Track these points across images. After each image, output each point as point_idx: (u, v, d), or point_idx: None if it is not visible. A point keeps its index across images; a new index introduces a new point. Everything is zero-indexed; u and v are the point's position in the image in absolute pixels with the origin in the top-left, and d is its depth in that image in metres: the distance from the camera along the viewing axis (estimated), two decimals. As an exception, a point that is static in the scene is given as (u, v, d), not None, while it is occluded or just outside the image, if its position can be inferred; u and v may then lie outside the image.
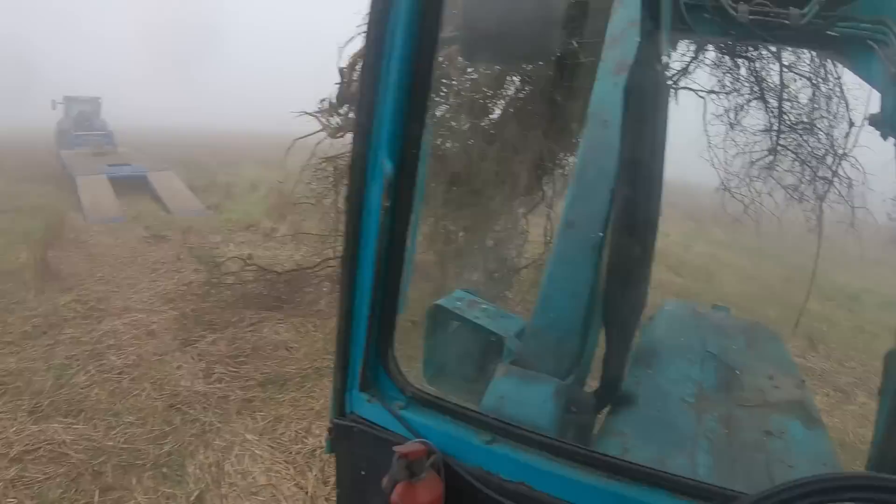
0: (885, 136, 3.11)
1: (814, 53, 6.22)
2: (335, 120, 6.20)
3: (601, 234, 2.21)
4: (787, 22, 3.06)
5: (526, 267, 7.92)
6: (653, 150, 2.23)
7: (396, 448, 1.59)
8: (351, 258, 1.71)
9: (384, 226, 1.62)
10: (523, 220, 7.71)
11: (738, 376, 3.03)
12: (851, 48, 3.09)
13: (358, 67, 5.84)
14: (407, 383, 1.85)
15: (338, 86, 5.90)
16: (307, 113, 6.51)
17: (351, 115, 6.13)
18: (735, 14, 3.07)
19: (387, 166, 1.58)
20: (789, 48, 6.19)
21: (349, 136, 6.44)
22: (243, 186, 17.10)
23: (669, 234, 17.71)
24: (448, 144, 6.09)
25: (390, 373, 1.85)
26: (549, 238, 7.32)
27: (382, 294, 1.73)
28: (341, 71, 5.71)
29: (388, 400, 1.83)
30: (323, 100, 6.40)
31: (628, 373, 2.81)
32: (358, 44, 5.79)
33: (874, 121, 2.89)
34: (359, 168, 1.62)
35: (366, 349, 1.80)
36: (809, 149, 7.31)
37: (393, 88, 1.55)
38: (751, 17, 3.08)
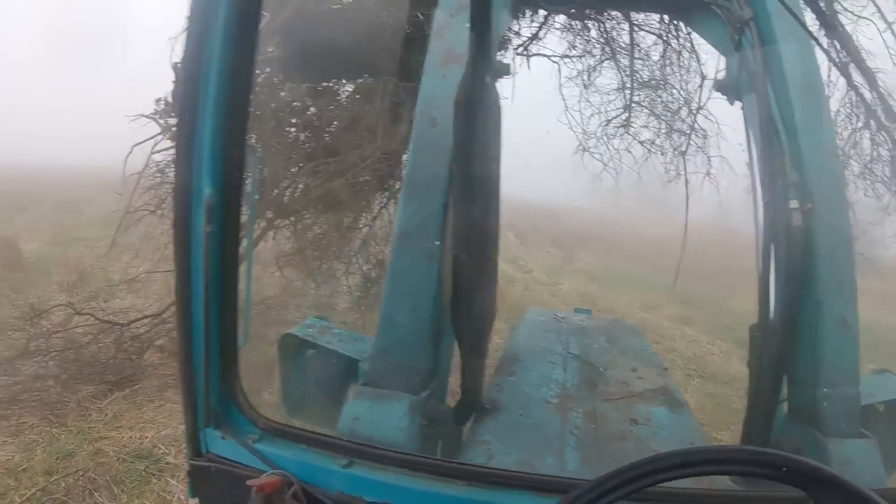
0: (731, 101, 3.39)
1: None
2: (174, 121, 5.99)
3: (437, 242, 2.26)
4: None
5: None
6: (487, 149, 2.24)
7: (250, 482, 1.65)
8: (183, 291, 1.72)
9: (209, 253, 1.65)
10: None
11: (602, 372, 3.30)
12: (696, 13, 3.34)
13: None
14: (259, 416, 1.89)
15: (173, 83, 5.70)
16: (144, 116, 6.23)
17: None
18: None
19: (206, 192, 1.61)
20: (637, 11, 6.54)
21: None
22: None
23: (532, 269, 15.96)
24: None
25: (240, 406, 1.89)
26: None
27: (218, 326, 1.76)
28: (175, 67, 5.49)
29: (241, 435, 1.87)
30: (159, 99, 6.14)
31: (491, 381, 3.00)
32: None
33: (720, 86, 3.08)
34: (182, 197, 1.64)
35: (208, 385, 1.83)
36: (664, 104, 7.83)
37: (211, 113, 1.59)
38: None
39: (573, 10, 6.46)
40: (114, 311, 7.93)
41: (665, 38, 7.32)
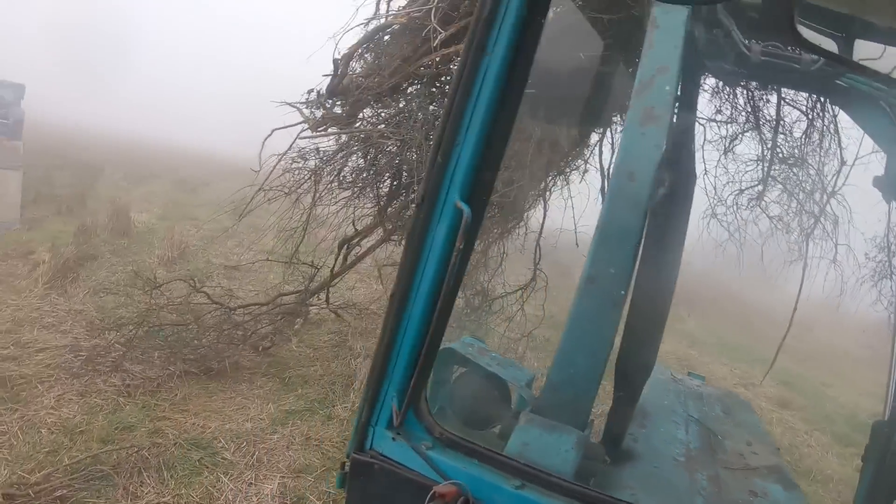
0: (887, 200, 3.41)
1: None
2: (319, 113, 6.35)
3: (623, 292, 2.33)
4: (797, 66, 3.22)
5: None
6: (679, 211, 2.42)
7: (437, 488, 1.75)
8: (403, 294, 1.83)
9: (454, 268, 1.75)
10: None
11: (720, 440, 3.43)
12: (859, 102, 3.34)
13: (353, 62, 6.03)
14: (436, 424, 1.96)
15: (329, 77, 6.06)
16: (288, 103, 6.50)
17: (336, 109, 6.28)
18: (748, 54, 3.21)
19: (466, 210, 1.70)
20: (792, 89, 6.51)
21: (331, 131, 6.56)
22: (98, 202, 14.69)
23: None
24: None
25: (418, 412, 1.97)
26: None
27: (430, 333, 1.85)
28: (335, 62, 5.84)
29: (414, 439, 1.94)
30: (311, 90, 6.43)
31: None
32: (354, 37, 5.98)
33: (878, 183, 3.16)
34: (428, 206, 1.75)
35: (402, 387, 1.92)
36: (798, 182, 7.67)
37: (475, 133, 1.69)
38: (763, 57, 3.23)
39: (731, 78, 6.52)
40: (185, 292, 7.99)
41: (810, 116, 7.19)
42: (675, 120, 2.59)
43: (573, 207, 7.39)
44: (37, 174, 14.49)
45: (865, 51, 2.90)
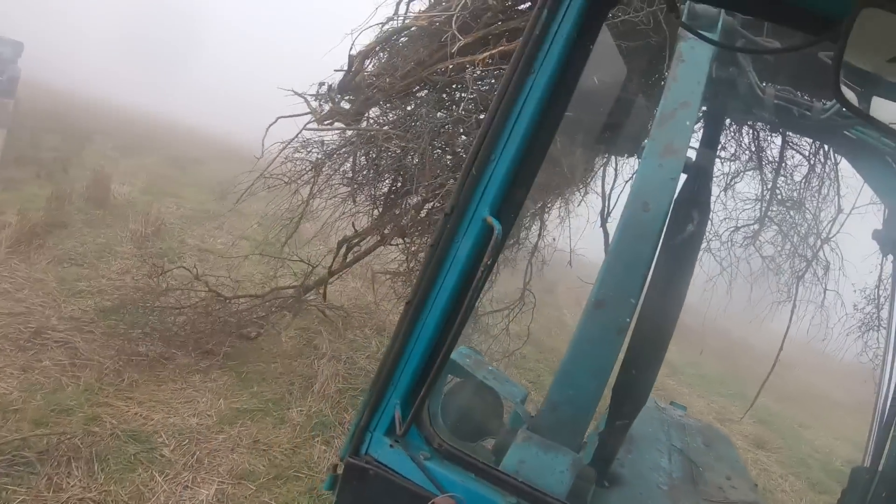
0: (884, 253, 3.52)
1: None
2: (326, 106, 6.38)
3: (628, 319, 2.36)
4: (808, 113, 3.31)
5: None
6: (690, 245, 2.50)
7: (436, 500, 1.78)
8: (419, 304, 1.87)
9: (478, 283, 1.79)
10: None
11: (701, 472, 3.50)
12: (866, 155, 3.41)
13: (367, 61, 6.07)
14: (435, 435, 2.00)
15: (342, 72, 6.10)
16: (296, 93, 6.53)
17: (344, 104, 6.31)
18: (762, 96, 3.29)
19: (497, 226, 1.74)
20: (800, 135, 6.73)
21: (337, 125, 6.60)
22: (81, 170, 13.99)
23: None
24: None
25: (419, 422, 2.00)
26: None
27: (442, 342, 1.90)
28: (351, 57, 5.88)
29: (412, 448, 1.98)
30: (322, 83, 6.47)
31: None
32: (371, 35, 6.04)
33: (877, 236, 3.25)
34: (456, 218, 1.79)
35: (407, 396, 1.96)
36: (794, 225, 7.84)
37: (512, 151, 1.74)
38: (775, 101, 3.31)
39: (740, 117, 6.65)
40: (179, 277, 7.93)
41: (812, 162, 7.37)
42: (696, 155, 2.67)
43: (570, 227, 7.44)
44: (24, 135, 14.20)
45: (881, 107, 2.98)
